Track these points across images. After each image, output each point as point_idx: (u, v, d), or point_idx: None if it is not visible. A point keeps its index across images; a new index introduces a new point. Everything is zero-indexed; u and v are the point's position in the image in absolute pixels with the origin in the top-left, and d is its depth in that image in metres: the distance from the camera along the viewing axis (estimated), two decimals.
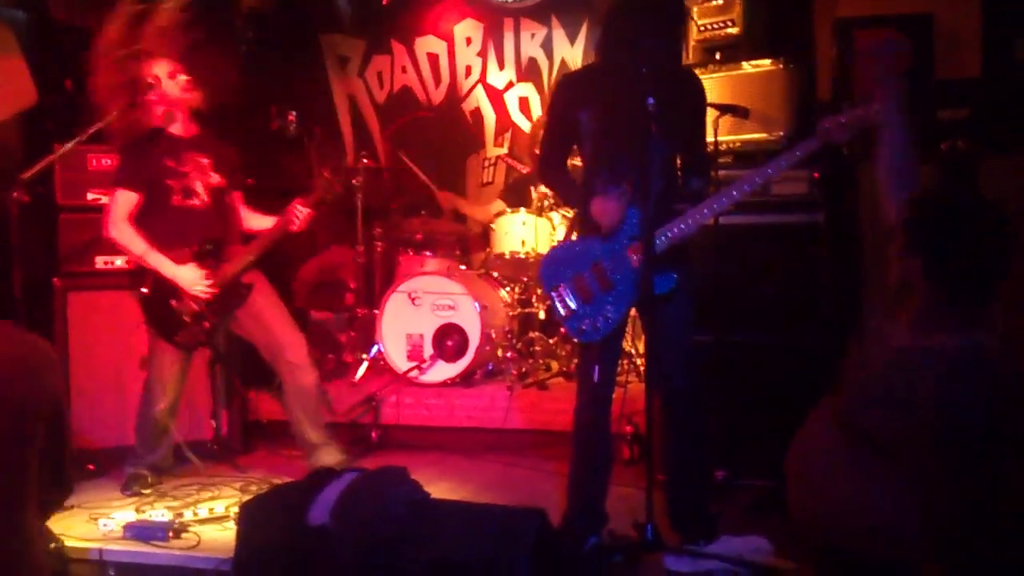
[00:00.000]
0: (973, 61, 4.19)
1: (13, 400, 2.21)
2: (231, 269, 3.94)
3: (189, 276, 3.86)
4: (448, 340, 5.11)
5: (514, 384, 5.04)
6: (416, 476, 2.82)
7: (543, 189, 5.48)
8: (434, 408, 4.98)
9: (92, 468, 4.26)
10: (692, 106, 3.32)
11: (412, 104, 7.04)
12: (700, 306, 3.34)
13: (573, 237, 4.50)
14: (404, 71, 7.04)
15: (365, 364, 5.33)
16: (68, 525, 3.45)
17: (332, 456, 4.06)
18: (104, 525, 3.44)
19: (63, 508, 2.98)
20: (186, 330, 3.92)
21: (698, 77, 3.47)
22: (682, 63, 3.27)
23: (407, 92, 7.05)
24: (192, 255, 3.89)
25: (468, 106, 6.94)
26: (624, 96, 3.08)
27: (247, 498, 3.31)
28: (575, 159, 3.55)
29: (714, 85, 4.08)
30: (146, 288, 3.91)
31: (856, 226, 4.01)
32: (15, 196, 3.88)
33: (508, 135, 6.78)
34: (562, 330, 5.29)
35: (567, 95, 3.39)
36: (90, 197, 4.51)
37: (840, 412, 2.29)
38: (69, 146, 3.92)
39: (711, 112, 3.66)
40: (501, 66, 6.83)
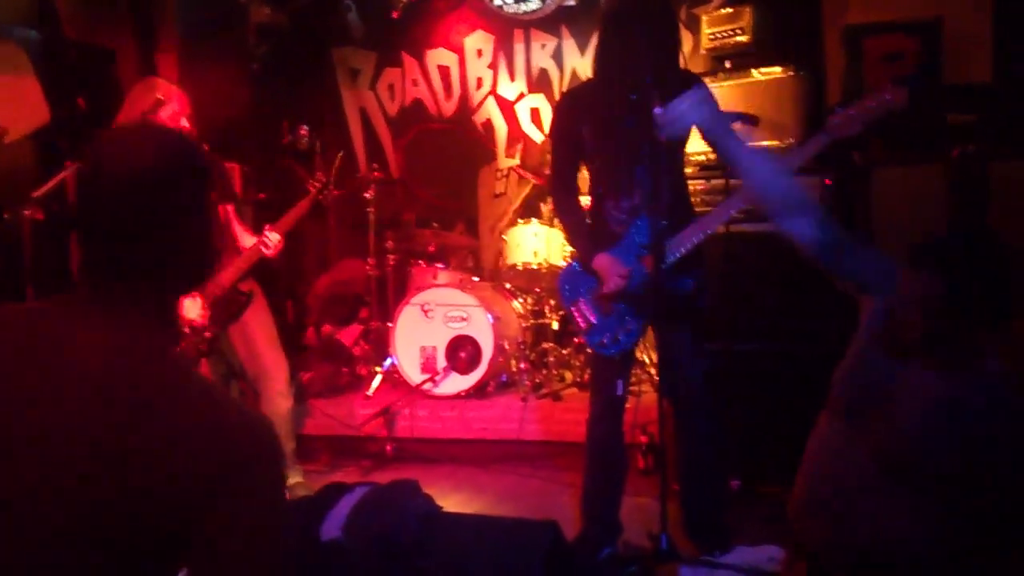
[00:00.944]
0: (984, 66, 4.18)
1: None
2: (223, 282, 3.95)
3: (184, 304, 3.88)
4: (461, 352, 5.11)
5: (528, 395, 5.03)
6: (431, 488, 2.82)
7: None
8: (448, 420, 4.98)
9: None
10: None
11: (424, 116, 7.05)
12: (710, 315, 3.33)
13: None
14: (415, 84, 7.06)
15: (379, 377, 5.33)
16: None
17: (294, 477, 4.26)
18: None
19: None
20: (187, 341, 3.94)
21: (699, 78, 3.45)
22: (680, 68, 3.23)
23: (418, 104, 7.06)
24: None
25: (479, 118, 6.95)
26: (626, 109, 3.06)
27: None
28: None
29: (724, 93, 4.09)
30: None
31: (869, 233, 3.99)
32: (28, 214, 3.90)
33: (520, 146, 6.77)
34: (576, 340, 5.29)
35: (568, 112, 3.35)
36: None
37: (876, 451, 2.21)
38: (82, 164, 3.93)
39: None
40: (512, 77, 6.84)
